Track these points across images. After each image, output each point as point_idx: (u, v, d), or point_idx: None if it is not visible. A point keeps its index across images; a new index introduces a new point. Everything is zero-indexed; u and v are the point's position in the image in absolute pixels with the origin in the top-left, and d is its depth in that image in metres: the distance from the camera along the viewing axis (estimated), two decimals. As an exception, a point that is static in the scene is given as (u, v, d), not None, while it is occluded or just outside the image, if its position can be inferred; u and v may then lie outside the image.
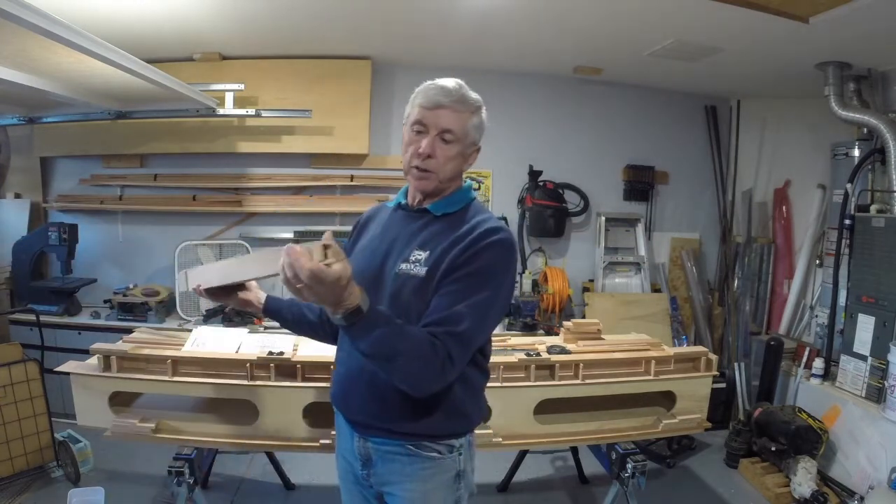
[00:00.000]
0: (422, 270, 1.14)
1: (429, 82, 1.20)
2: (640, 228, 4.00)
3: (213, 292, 1.30)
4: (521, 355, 2.00)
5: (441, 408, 1.17)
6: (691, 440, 3.26)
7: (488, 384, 1.32)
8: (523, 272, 3.66)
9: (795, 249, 3.92)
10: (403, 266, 1.16)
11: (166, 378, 1.84)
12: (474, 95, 1.20)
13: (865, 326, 2.82)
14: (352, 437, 1.26)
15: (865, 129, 3.10)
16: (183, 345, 1.97)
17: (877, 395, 2.73)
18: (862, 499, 2.63)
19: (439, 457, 1.21)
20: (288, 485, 2.73)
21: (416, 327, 1.07)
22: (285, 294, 1.07)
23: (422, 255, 1.16)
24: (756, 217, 4.08)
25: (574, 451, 2.88)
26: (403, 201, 1.29)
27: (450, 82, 1.18)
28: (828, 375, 3.08)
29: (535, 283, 3.60)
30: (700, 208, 4.16)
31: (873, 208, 2.98)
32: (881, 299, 2.78)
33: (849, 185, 3.06)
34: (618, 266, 3.98)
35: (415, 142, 1.18)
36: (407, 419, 1.17)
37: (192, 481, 1.82)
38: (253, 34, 3.05)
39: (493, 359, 1.41)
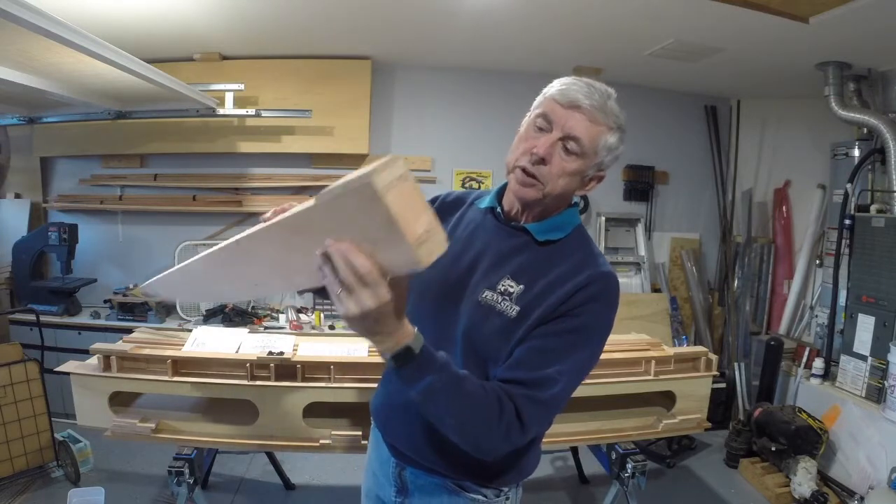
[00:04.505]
0: (513, 309, 0.95)
1: (572, 77, 0.98)
2: (640, 228, 4.00)
3: None
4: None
5: None
6: (691, 440, 3.26)
7: None
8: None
9: (795, 249, 3.92)
10: (488, 294, 0.97)
11: (166, 378, 1.84)
12: (620, 111, 0.97)
13: (865, 326, 2.82)
14: (389, 460, 1.14)
15: (865, 129, 3.10)
16: (183, 345, 1.97)
17: (877, 395, 2.73)
18: (862, 499, 2.63)
19: (484, 500, 1.07)
20: (288, 485, 2.73)
21: (482, 382, 0.89)
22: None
23: (514, 287, 0.97)
24: (756, 217, 4.08)
25: (574, 451, 2.88)
26: (497, 207, 1.07)
27: (598, 84, 0.96)
28: (828, 375, 3.08)
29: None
30: (700, 208, 4.15)
31: (873, 208, 2.97)
32: (881, 299, 2.78)
33: (849, 185, 3.06)
34: (618, 266, 3.98)
35: (531, 138, 0.97)
36: (453, 459, 1.01)
37: (192, 481, 1.82)
38: (253, 34, 3.05)
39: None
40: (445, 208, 1.16)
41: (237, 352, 1.93)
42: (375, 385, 1.24)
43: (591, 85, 0.95)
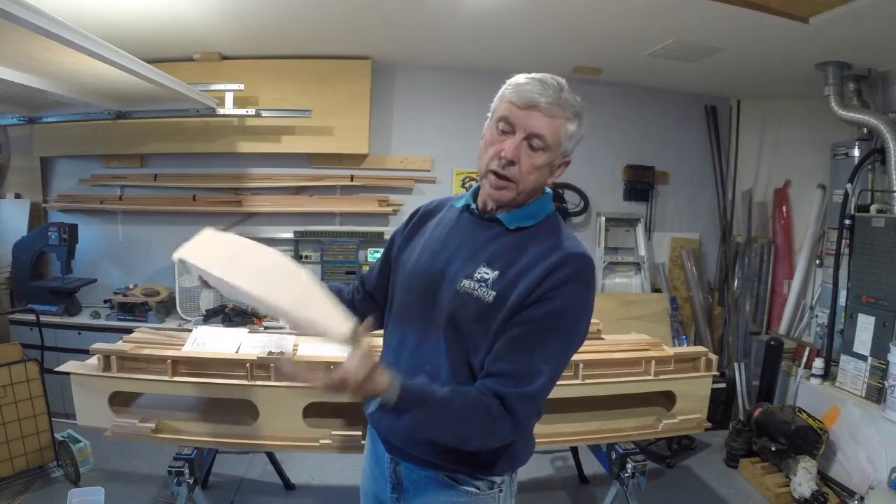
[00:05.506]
0: (489, 294, 1.00)
1: (524, 76, 1.02)
2: (640, 228, 4.00)
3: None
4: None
5: None
6: (691, 440, 3.26)
7: None
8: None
9: (795, 249, 3.92)
10: (466, 283, 1.03)
11: (166, 378, 1.83)
12: (574, 99, 1.02)
13: (865, 326, 2.82)
14: (384, 457, 1.17)
15: (865, 129, 3.10)
16: (183, 345, 1.96)
17: (877, 395, 2.73)
18: (862, 499, 2.63)
19: (477, 492, 1.10)
20: (288, 485, 2.73)
21: (465, 392, 0.97)
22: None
23: (489, 273, 1.02)
24: (756, 217, 4.08)
25: (574, 451, 2.88)
26: (472, 204, 1.13)
27: (549, 79, 1.00)
28: (828, 375, 3.08)
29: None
30: (700, 208, 4.16)
31: (873, 208, 2.97)
32: (881, 299, 2.77)
33: (849, 185, 3.06)
34: (618, 266, 3.98)
35: (497, 142, 1.02)
36: (445, 451, 1.05)
37: (192, 481, 1.82)
38: (253, 34, 3.05)
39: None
40: (426, 215, 1.23)
41: (237, 352, 1.93)
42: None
43: (543, 81, 0.99)
